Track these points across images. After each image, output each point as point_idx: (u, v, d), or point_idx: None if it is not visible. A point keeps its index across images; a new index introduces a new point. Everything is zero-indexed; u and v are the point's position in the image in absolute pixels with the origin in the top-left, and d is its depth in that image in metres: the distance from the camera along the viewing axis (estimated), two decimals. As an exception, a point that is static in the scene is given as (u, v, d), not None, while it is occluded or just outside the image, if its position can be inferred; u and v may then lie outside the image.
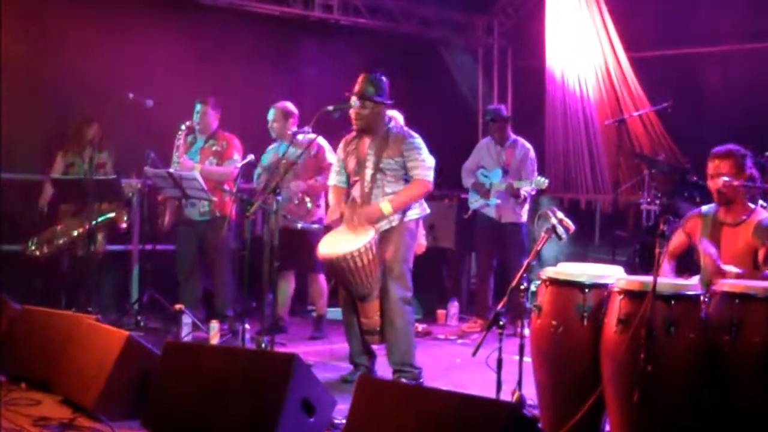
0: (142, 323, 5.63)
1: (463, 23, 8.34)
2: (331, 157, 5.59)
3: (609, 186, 7.25)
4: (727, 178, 3.70)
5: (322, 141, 5.55)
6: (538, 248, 3.68)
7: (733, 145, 3.81)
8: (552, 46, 7.77)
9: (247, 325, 4.87)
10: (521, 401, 3.59)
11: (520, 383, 3.63)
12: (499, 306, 3.53)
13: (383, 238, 4.43)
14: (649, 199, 6.04)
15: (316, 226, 5.60)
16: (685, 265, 4.05)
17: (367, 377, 3.95)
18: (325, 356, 5.25)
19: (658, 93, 6.79)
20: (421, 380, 4.49)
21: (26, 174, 6.20)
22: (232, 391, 3.45)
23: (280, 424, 3.29)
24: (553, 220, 3.69)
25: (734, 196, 3.74)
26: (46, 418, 3.67)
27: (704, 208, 3.94)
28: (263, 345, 4.65)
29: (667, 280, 3.37)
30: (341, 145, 4.68)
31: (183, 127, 5.71)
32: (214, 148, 5.80)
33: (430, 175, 4.48)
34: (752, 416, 3.21)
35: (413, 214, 4.53)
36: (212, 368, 3.58)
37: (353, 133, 4.62)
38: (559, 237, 3.72)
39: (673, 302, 3.21)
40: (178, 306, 5.44)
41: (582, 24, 7.53)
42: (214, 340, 5.21)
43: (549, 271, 3.60)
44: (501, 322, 3.51)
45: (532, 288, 3.64)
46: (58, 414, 3.74)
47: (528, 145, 6.20)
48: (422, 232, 5.46)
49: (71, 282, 5.90)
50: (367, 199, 4.48)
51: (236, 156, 5.75)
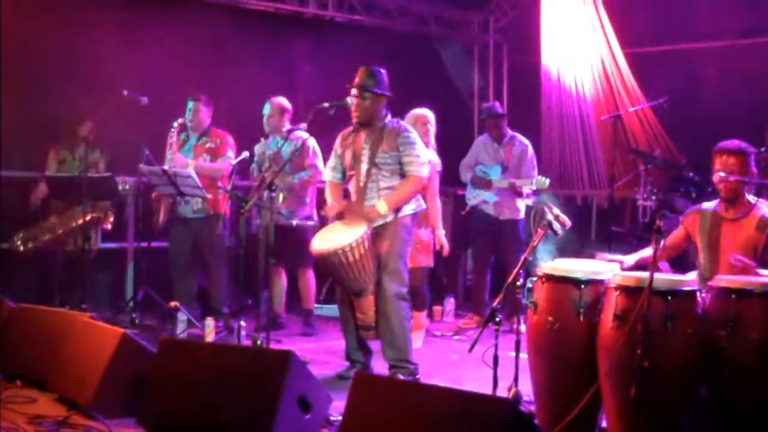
0: (137, 321, 5.61)
1: (459, 20, 8.33)
2: (316, 158, 5.58)
3: (605, 181, 7.25)
4: (737, 177, 3.68)
5: (312, 142, 5.52)
6: (535, 244, 3.68)
7: (740, 142, 3.80)
8: (547, 42, 7.77)
9: (242, 322, 4.85)
10: (517, 397, 3.59)
11: (516, 379, 3.62)
12: (496, 302, 3.53)
13: (378, 234, 4.42)
14: (645, 195, 6.04)
15: (310, 223, 5.61)
16: (681, 263, 4.05)
17: (363, 374, 3.94)
18: (321, 353, 5.24)
19: (654, 89, 6.79)
20: (417, 376, 4.48)
21: (19, 171, 6.16)
22: (228, 388, 3.44)
23: (276, 421, 3.28)
24: (549, 216, 3.69)
25: (740, 192, 3.74)
26: (41, 416, 3.66)
27: (704, 204, 3.94)
28: (259, 342, 4.64)
29: (663, 276, 3.36)
30: (338, 139, 4.68)
31: (175, 124, 5.69)
32: (207, 145, 5.79)
33: (424, 171, 4.48)
34: (749, 411, 3.22)
35: (408, 209, 4.52)
36: (208, 365, 3.57)
37: (350, 128, 4.62)
38: (555, 233, 3.72)
39: (669, 298, 3.20)
40: (173, 303, 5.43)
41: (578, 20, 7.52)
42: (210, 337, 5.20)
43: (545, 267, 3.59)
44: (497, 319, 3.51)
45: (528, 284, 3.63)
46: (53, 412, 3.72)
47: (526, 142, 6.18)
48: (442, 232, 5.40)
49: (66, 280, 5.88)
50: (362, 194, 4.47)
51: (230, 153, 5.74)
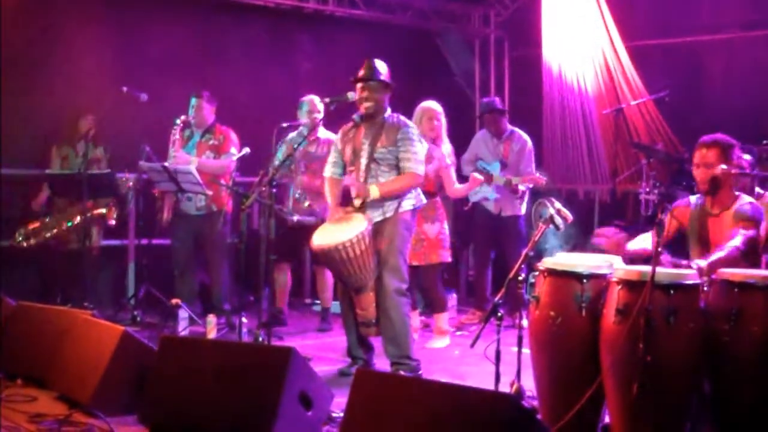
0: (138, 318, 5.61)
1: (460, 14, 8.30)
2: None
3: (607, 176, 7.22)
4: (724, 166, 3.67)
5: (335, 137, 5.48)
6: (536, 239, 3.66)
7: (720, 135, 3.79)
8: (549, 35, 7.73)
9: (244, 319, 4.85)
10: (520, 393, 3.58)
11: (518, 375, 3.61)
12: (497, 297, 3.52)
13: (378, 230, 4.41)
14: (647, 189, 6.01)
15: (312, 219, 5.58)
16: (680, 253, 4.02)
17: (365, 370, 3.93)
18: (322, 349, 5.23)
19: (657, 82, 6.75)
20: (419, 372, 4.47)
21: (21, 169, 6.15)
22: (230, 385, 3.43)
23: (277, 418, 3.28)
24: (551, 211, 3.67)
25: (721, 185, 3.72)
26: (42, 414, 3.65)
27: (692, 198, 3.92)
28: (260, 339, 4.64)
29: (666, 270, 3.34)
30: (339, 135, 4.67)
31: (178, 121, 5.68)
32: (211, 142, 5.77)
33: (421, 169, 4.46)
34: (752, 405, 3.20)
35: (408, 204, 4.50)
36: (209, 362, 3.56)
37: (350, 123, 4.60)
38: (557, 227, 3.70)
39: (672, 292, 3.19)
40: (174, 300, 5.42)
41: (579, 13, 7.48)
42: (211, 334, 5.19)
43: (547, 262, 3.58)
44: (499, 314, 3.49)
45: (530, 279, 3.61)
46: (54, 410, 3.72)
47: (525, 137, 6.15)
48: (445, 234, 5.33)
49: (67, 277, 5.87)
50: (362, 189, 4.46)
51: (233, 150, 5.73)
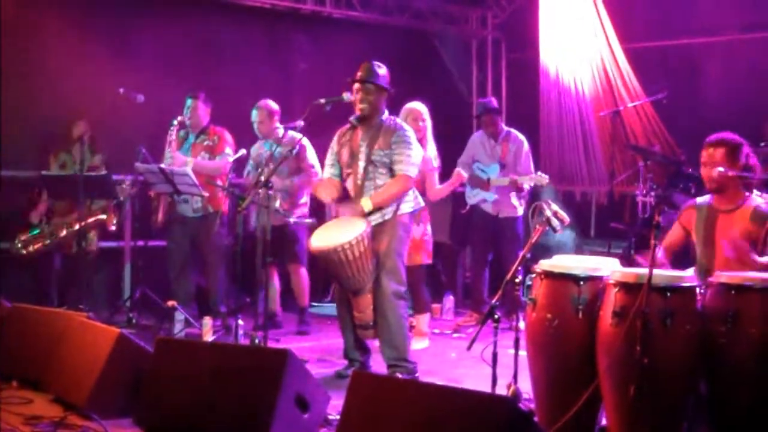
0: (134, 320, 5.59)
1: (457, 15, 8.29)
2: (312, 158, 5.56)
3: (604, 178, 7.21)
4: (721, 169, 3.67)
5: (306, 142, 5.49)
6: (533, 241, 3.65)
7: (727, 133, 3.78)
8: (546, 37, 7.73)
9: (240, 321, 4.83)
10: (517, 395, 3.57)
11: (515, 377, 3.61)
12: (494, 299, 3.51)
13: (376, 232, 4.40)
14: (644, 191, 6.00)
15: (308, 220, 5.59)
16: (681, 261, 4.02)
17: (362, 372, 3.92)
18: (319, 352, 5.22)
19: (654, 84, 6.75)
20: (416, 375, 4.46)
21: (18, 171, 6.13)
22: (226, 387, 3.42)
23: (273, 421, 3.26)
24: (548, 213, 3.67)
25: (726, 184, 3.71)
26: (38, 416, 3.64)
27: (698, 199, 3.92)
28: (256, 341, 4.62)
29: (662, 272, 3.34)
30: (335, 137, 4.65)
31: (174, 122, 5.67)
32: (205, 143, 5.77)
33: (412, 171, 4.44)
34: (749, 407, 3.20)
35: (407, 207, 4.50)
36: (205, 365, 3.55)
37: (347, 126, 4.60)
38: (554, 229, 3.69)
39: (668, 294, 3.19)
40: (170, 303, 5.41)
41: (576, 15, 7.48)
42: (207, 336, 5.18)
43: (544, 264, 3.57)
44: (496, 316, 3.49)
45: (527, 281, 3.61)
46: (49, 412, 3.70)
47: (521, 138, 6.15)
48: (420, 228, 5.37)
49: (63, 280, 5.85)
50: (360, 192, 4.45)
51: (228, 150, 5.72)
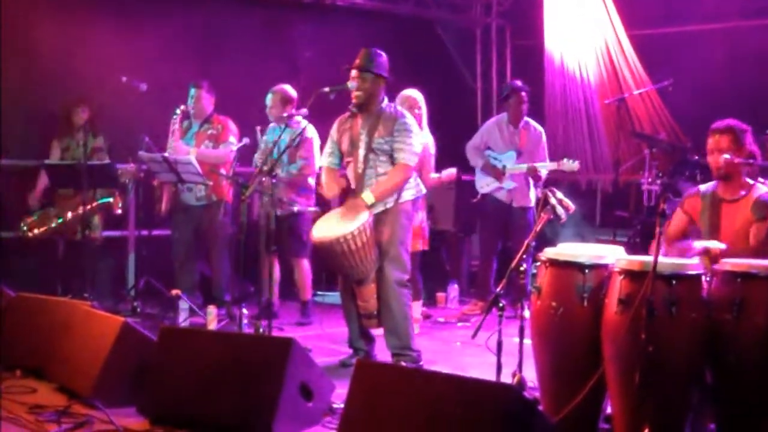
0: (138, 309, 5.59)
1: (461, 3, 8.24)
2: (314, 149, 5.51)
3: (609, 166, 7.18)
4: (728, 156, 3.64)
5: (311, 133, 5.46)
6: (538, 229, 3.64)
7: (732, 120, 3.75)
8: (551, 24, 7.68)
9: (244, 310, 4.83)
10: (522, 384, 3.57)
11: (520, 365, 3.60)
12: (499, 288, 3.50)
13: (379, 221, 4.38)
14: (650, 179, 5.97)
15: (311, 209, 5.56)
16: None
17: (366, 361, 3.92)
18: (323, 340, 5.22)
19: (659, 71, 6.71)
20: (420, 363, 4.46)
21: (20, 160, 6.13)
22: (230, 376, 3.43)
23: (278, 409, 3.27)
24: (553, 201, 3.66)
25: (733, 171, 3.69)
26: (42, 405, 3.64)
27: (702, 187, 3.89)
28: (261, 330, 4.62)
29: (668, 260, 3.32)
30: (335, 125, 4.63)
31: (178, 111, 5.66)
32: (209, 132, 5.75)
33: (413, 160, 4.41)
34: (755, 396, 3.18)
35: (408, 195, 4.47)
36: (209, 353, 3.55)
37: (347, 114, 4.57)
38: (558, 218, 3.68)
39: (674, 282, 3.16)
40: (174, 291, 5.41)
41: (581, 1, 7.43)
42: (212, 325, 5.18)
43: (548, 252, 3.56)
44: (501, 305, 3.48)
45: (532, 270, 3.59)
46: (53, 402, 3.71)
47: (540, 128, 6.12)
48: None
49: (67, 268, 5.86)
50: (361, 180, 4.43)
51: (232, 139, 5.71)
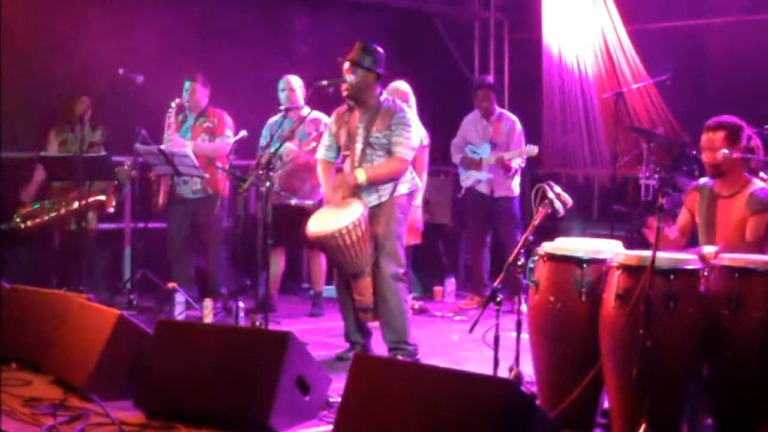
0: (134, 302, 5.59)
1: (459, -4, 8.22)
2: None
3: (607, 160, 7.17)
4: (726, 151, 3.63)
5: (326, 119, 5.43)
6: (536, 223, 3.63)
7: (727, 117, 3.74)
8: (549, 18, 7.67)
9: (241, 303, 4.82)
10: (519, 378, 3.56)
11: (517, 360, 3.60)
12: (497, 282, 3.49)
13: (374, 214, 4.36)
14: (647, 174, 5.97)
15: (309, 202, 5.52)
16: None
17: (363, 355, 3.91)
18: (320, 334, 5.21)
19: (658, 66, 6.70)
20: (417, 357, 4.45)
21: (17, 152, 6.10)
22: (226, 369, 3.41)
23: (274, 403, 3.26)
24: (551, 195, 3.65)
25: (726, 168, 3.68)
26: (37, 398, 3.62)
27: (701, 180, 3.89)
28: (257, 323, 4.61)
29: (666, 255, 3.31)
30: (333, 118, 4.61)
31: (173, 105, 5.64)
32: (205, 125, 5.74)
33: (410, 155, 4.40)
34: (751, 390, 3.18)
35: (403, 188, 4.45)
36: (206, 347, 3.54)
37: (344, 107, 4.55)
38: (556, 212, 3.67)
39: (672, 277, 3.16)
40: (170, 284, 5.40)
41: (579, -5, 7.41)
42: (208, 318, 5.18)
43: (546, 247, 3.55)
44: (498, 299, 3.47)
45: (530, 264, 3.59)
46: (49, 394, 3.69)
47: (514, 118, 6.15)
48: (417, 203, 5.38)
49: (62, 261, 5.84)
50: (357, 175, 4.42)
51: (228, 132, 5.69)
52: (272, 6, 7.21)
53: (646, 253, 3.21)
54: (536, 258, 3.55)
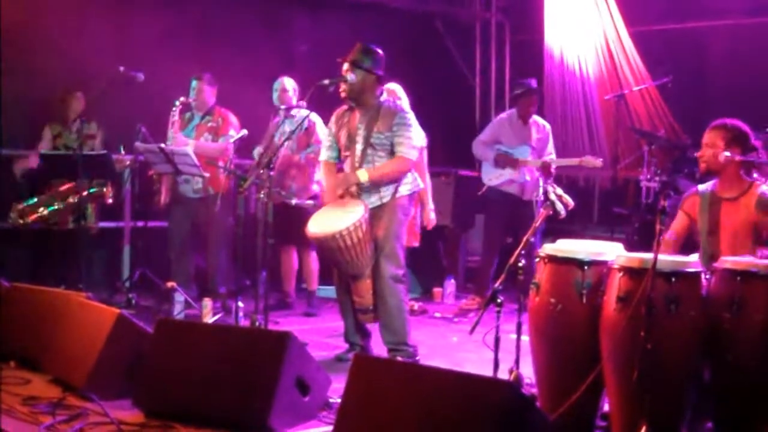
0: (133, 301, 5.57)
1: (460, -3, 8.21)
2: (322, 133, 5.52)
3: (608, 162, 7.17)
4: (728, 153, 3.63)
5: (315, 117, 5.47)
6: (537, 225, 3.63)
7: (730, 120, 3.74)
8: (551, 20, 7.66)
9: (240, 303, 4.81)
10: (519, 380, 3.56)
11: (517, 362, 3.59)
12: (497, 283, 3.48)
13: (375, 215, 4.36)
14: (648, 176, 5.96)
15: (310, 202, 5.54)
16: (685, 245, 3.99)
17: (363, 356, 3.90)
18: (319, 334, 5.20)
19: (660, 68, 6.69)
20: (416, 358, 4.44)
21: (13, 149, 6.08)
22: (226, 369, 3.40)
23: (274, 403, 3.25)
24: (552, 196, 3.64)
25: (718, 169, 3.67)
26: (36, 397, 3.61)
27: (701, 186, 3.88)
28: (257, 323, 4.60)
29: (667, 257, 3.31)
30: (333, 118, 4.60)
31: (177, 103, 5.62)
32: (209, 124, 5.74)
33: (413, 154, 4.40)
34: (753, 394, 3.17)
35: (405, 189, 4.45)
36: (205, 346, 3.53)
37: (345, 107, 4.54)
38: (557, 213, 3.67)
39: (673, 279, 3.15)
40: (170, 284, 5.39)
41: (581, -3, 7.41)
42: (207, 318, 5.17)
43: (547, 248, 3.54)
44: (499, 300, 3.46)
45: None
46: (47, 393, 3.68)
47: (548, 125, 6.21)
48: (431, 207, 5.44)
49: (62, 259, 5.82)
50: (358, 175, 4.41)
51: (232, 132, 5.68)
52: (272, 6, 7.20)
53: (648, 256, 3.20)
54: (538, 260, 3.54)
